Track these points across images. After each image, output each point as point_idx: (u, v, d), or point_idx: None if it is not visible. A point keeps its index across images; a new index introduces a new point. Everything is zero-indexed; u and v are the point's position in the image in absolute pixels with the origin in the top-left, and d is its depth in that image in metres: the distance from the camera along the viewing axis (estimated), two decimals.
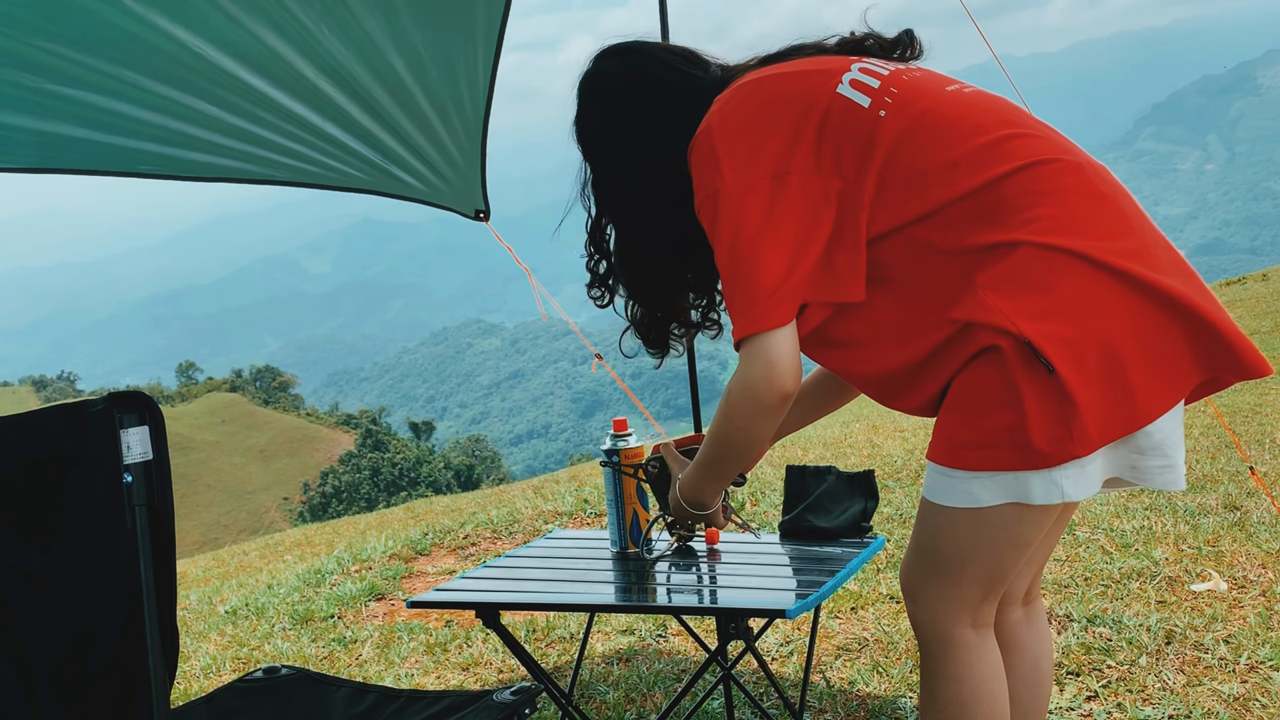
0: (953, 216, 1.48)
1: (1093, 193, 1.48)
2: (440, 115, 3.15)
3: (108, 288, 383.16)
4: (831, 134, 1.55)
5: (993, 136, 1.51)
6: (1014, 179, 1.47)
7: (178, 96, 2.80)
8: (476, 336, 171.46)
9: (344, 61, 2.84)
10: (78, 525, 1.51)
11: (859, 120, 1.54)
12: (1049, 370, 1.38)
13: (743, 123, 1.58)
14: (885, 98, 1.56)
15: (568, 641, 3.39)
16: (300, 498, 54.03)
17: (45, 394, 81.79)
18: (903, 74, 1.61)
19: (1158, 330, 1.41)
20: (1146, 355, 1.41)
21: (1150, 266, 1.42)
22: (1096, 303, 1.40)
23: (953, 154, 1.50)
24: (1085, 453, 1.41)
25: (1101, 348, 1.39)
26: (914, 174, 1.51)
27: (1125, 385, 1.40)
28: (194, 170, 3.18)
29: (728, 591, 2.08)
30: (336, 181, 3.35)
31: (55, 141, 2.88)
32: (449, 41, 2.91)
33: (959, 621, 1.58)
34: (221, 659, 3.72)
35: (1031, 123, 1.57)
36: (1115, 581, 3.23)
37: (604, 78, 1.81)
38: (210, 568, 7.00)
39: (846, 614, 3.27)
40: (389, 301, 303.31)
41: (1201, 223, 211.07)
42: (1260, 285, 14.03)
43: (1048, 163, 1.49)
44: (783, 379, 1.52)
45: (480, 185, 3.45)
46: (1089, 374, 1.39)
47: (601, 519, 4.99)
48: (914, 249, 1.51)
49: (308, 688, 2.13)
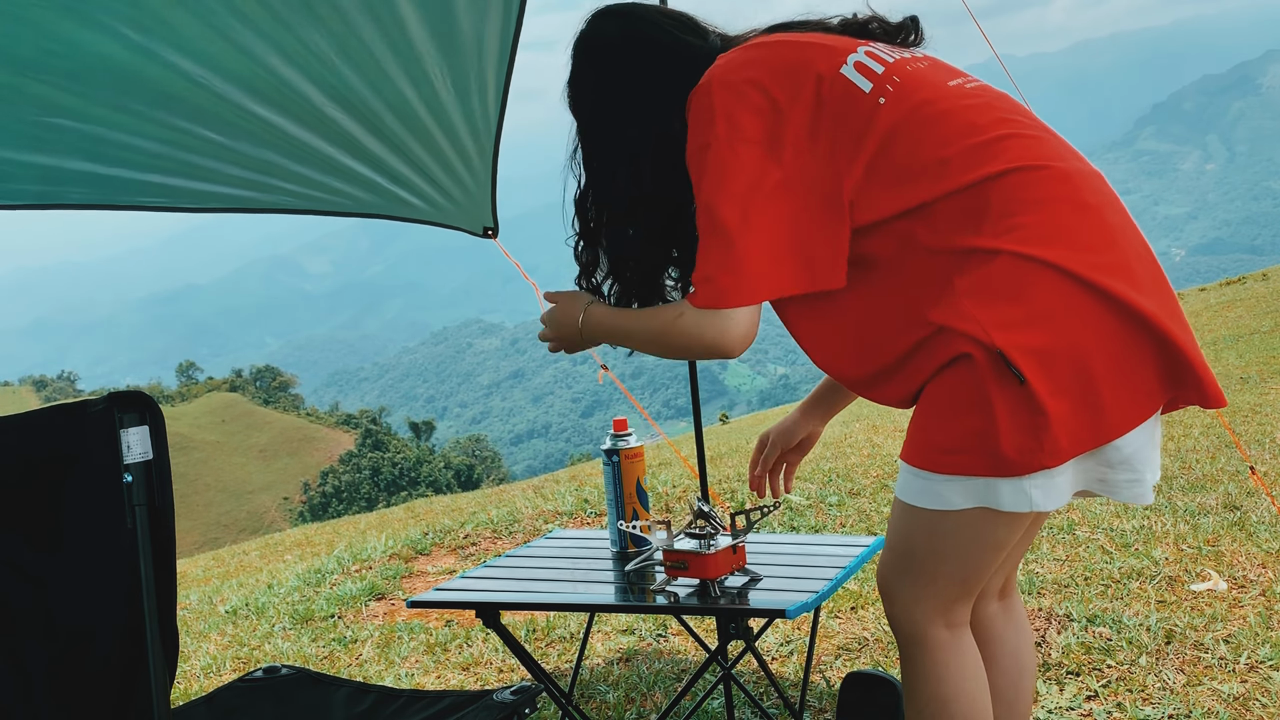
0: (939, 213, 1.48)
1: (1079, 203, 1.47)
2: (450, 137, 3.11)
3: (108, 288, 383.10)
4: (829, 112, 1.53)
5: (987, 136, 1.50)
6: (1001, 182, 1.46)
7: (182, 125, 2.76)
8: (476, 336, 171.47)
9: (353, 87, 2.80)
10: (78, 525, 1.50)
11: (858, 103, 1.53)
12: (1020, 381, 1.38)
13: (744, 81, 1.56)
14: (887, 85, 1.54)
15: (568, 641, 3.39)
16: (300, 497, 54.03)
17: (45, 394, 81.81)
18: (907, 63, 1.59)
19: (1129, 347, 1.41)
20: (1118, 370, 1.41)
21: (1128, 282, 1.42)
22: (1071, 316, 1.40)
23: (946, 150, 1.49)
24: (1055, 464, 1.41)
25: (1073, 360, 1.39)
26: (905, 166, 1.50)
27: (1095, 398, 1.41)
28: (199, 201, 3.15)
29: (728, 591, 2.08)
30: (343, 207, 3.33)
31: (58, 175, 2.85)
32: (460, 64, 2.87)
33: (933, 621, 1.59)
34: (221, 659, 3.72)
35: (1029, 123, 1.56)
36: (1115, 581, 3.23)
37: (602, 37, 1.77)
38: (210, 568, 7.00)
39: (846, 614, 3.27)
40: (389, 301, 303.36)
41: (1201, 223, 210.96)
42: (1260, 285, 14.03)
43: (1037, 169, 1.48)
44: (729, 349, 1.54)
45: (490, 203, 3.44)
46: (1060, 385, 1.39)
47: (601, 519, 5.00)
48: (899, 242, 1.51)
49: (308, 688, 2.13)
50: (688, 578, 2.02)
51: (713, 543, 2.02)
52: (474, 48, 2.83)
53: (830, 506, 4.58)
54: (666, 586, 2.07)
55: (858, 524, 4.29)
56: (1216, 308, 12.23)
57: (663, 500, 5.12)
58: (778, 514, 4.49)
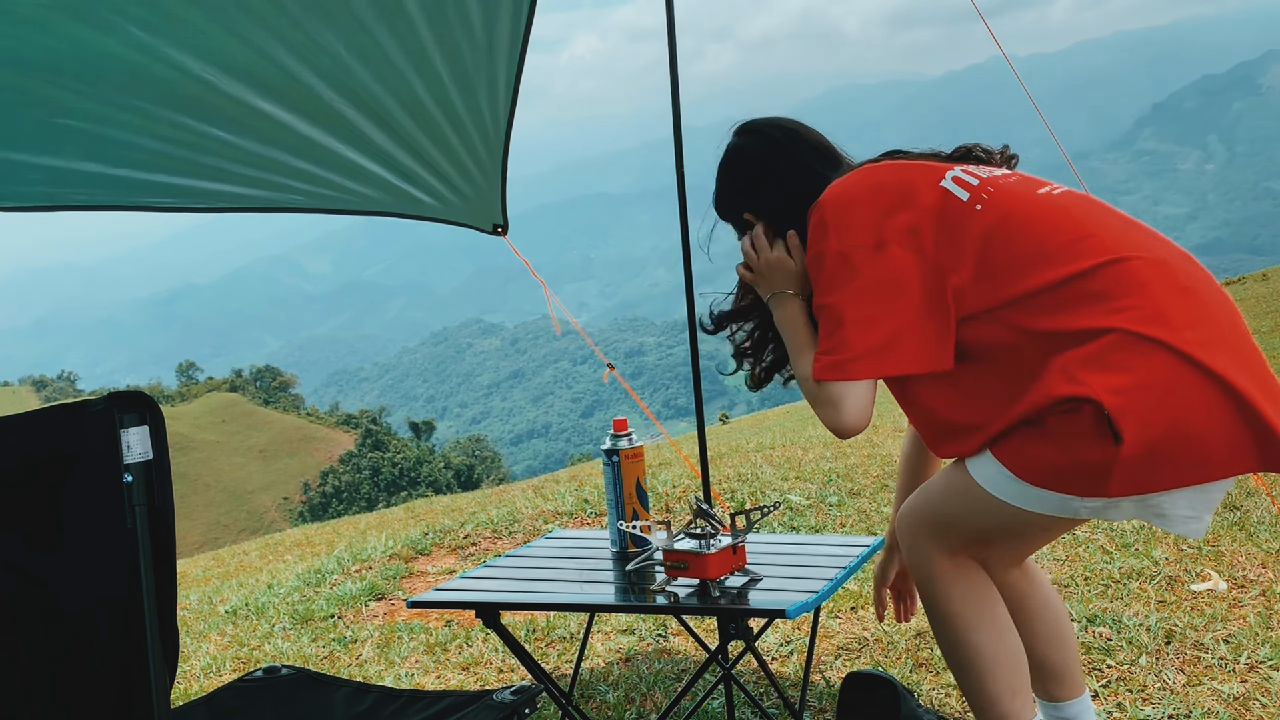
0: (1042, 303, 1.68)
1: (1176, 287, 1.66)
2: (460, 133, 3.10)
3: (108, 288, 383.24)
4: (930, 219, 1.77)
5: (1079, 233, 1.71)
6: (1100, 272, 1.66)
7: (189, 123, 2.75)
8: (476, 336, 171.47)
9: (364, 83, 2.79)
10: (78, 525, 1.50)
11: (957, 210, 1.77)
12: (1116, 440, 1.57)
13: (854, 197, 1.83)
14: (983, 194, 1.78)
15: (568, 641, 3.39)
16: (300, 497, 54.04)
17: (45, 394, 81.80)
18: (999, 178, 1.83)
19: (1223, 420, 1.58)
20: (1205, 435, 1.59)
21: (1226, 358, 1.60)
22: (1174, 389, 1.59)
23: (1043, 247, 1.70)
24: (1118, 494, 1.62)
25: (1167, 426, 1.58)
26: (1005, 264, 1.72)
27: (1177, 455, 1.59)
28: (207, 200, 3.13)
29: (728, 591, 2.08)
30: (353, 205, 3.31)
31: (64, 176, 2.85)
32: (470, 59, 2.86)
33: (942, 558, 1.87)
34: (221, 659, 3.72)
35: (1116, 219, 1.77)
36: (1115, 581, 3.23)
37: (749, 152, 2.04)
38: (210, 568, 7.00)
39: (846, 614, 3.27)
40: (389, 301, 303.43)
41: (1201, 223, 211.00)
42: (1260, 285, 14.04)
43: (1129, 259, 1.68)
44: (844, 425, 1.78)
45: (500, 200, 3.43)
46: (1148, 441, 1.58)
47: (601, 519, 5.00)
48: (1002, 329, 1.72)
49: (308, 688, 2.13)
50: (688, 578, 2.03)
51: (713, 543, 2.02)
52: (484, 44, 2.83)
53: (830, 506, 4.58)
54: (666, 586, 2.07)
55: (858, 524, 4.29)
56: None
57: (663, 500, 5.12)
58: (778, 514, 4.50)
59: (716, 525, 2.07)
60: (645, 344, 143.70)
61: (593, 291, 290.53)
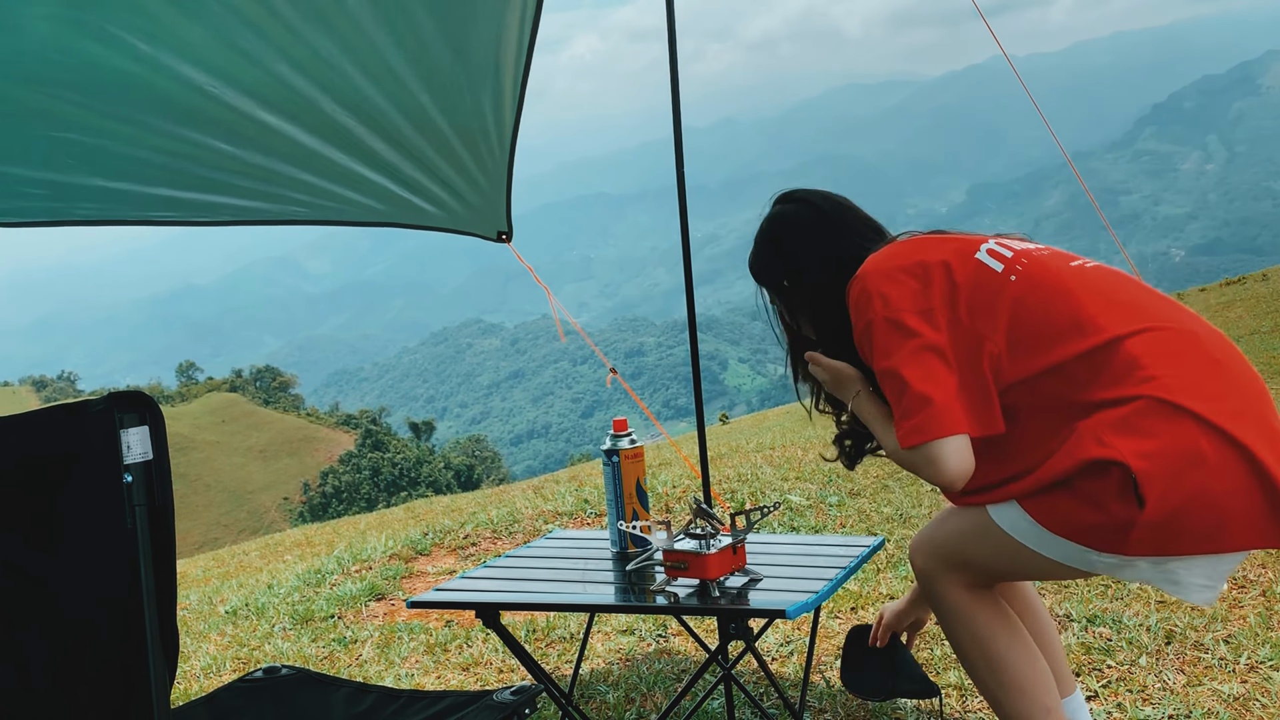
0: (1074, 371, 1.74)
1: (1206, 359, 1.73)
2: (465, 141, 3.09)
3: (108, 288, 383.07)
4: (965, 289, 1.83)
5: (1110, 304, 1.78)
6: (1130, 342, 1.72)
7: (190, 136, 2.74)
8: (476, 336, 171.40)
9: (365, 93, 2.77)
10: (78, 525, 1.50)
11: (991, 280, 1.84)
12: (1140, 504, 1.62)
13: (893, 268, 1.88)
14: (1016, 266, 1.85)
15: (568, 641, 3.39)
16: (300, 498, 54.02)
17: (45, 394, 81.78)
18: (1031, 251, 1.91)
19: (1242, 486, 1.63)
20: (1226, 501, 1.62)
21: (1250, 428, 1.65)
22: (1196, 453, 1.63)
23: (1075, 318, 1.77)
24: (1135, 554, 1.67)
25: (1190, 493, 1.62)
26: (1038, 334, 1.78)
27: (1194, 524, 1.63)
28: (209, 213, 3.11)
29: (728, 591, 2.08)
30: (356, 217, 3.30)
31: (67, 191, 2.83)
32: (475, 67, 2.85)
33: (954, 587, 1.93)
34: (221, 659, 3.72)
35: (1146, 292, 1.84)
36: (1115, 581, 3.23)
37: (795, 220, 2.08)
38: (210, 568, 7.00)
39: (846, 614, 3.27)
40: (389, 301, 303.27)
41: (1201, 223, 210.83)
42: (1260, 285, 14.03)
43: (1159, 330, 1.75)
44: (950, 479, 1.79)
45: (505, 207, 3.43)
46: (1171, 506, 1.63)
47: (601, 519, 5.00)
48: (1037, 396, 1.77)
49: (308, 688, 2.13)
50: (688, 578, 2.02)
51: (713, 543, 2.02)
52: (491, 52, 2.82)
53: (830, 506, 4.58)
54: (666, 587, 2.07)
55: (858, 524, 4.29)
56: (1216, 308, 12.23)
57: (663, 500, 5.12)
58: (778, 514, 4.49)
59: (716, 525, 2.07)
60: (645, 344, 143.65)
61: (593, 291, 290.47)
